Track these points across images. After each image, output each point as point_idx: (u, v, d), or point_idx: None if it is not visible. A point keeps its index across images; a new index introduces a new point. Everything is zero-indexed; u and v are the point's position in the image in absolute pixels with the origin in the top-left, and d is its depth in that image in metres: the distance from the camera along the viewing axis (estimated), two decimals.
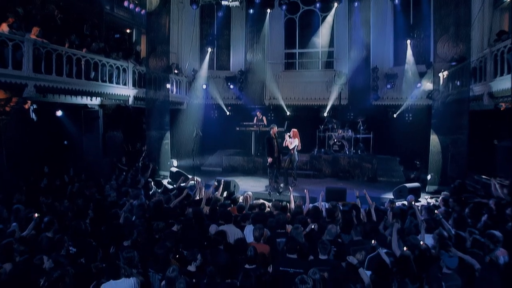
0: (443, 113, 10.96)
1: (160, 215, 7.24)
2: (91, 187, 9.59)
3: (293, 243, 5.13)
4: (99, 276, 4.74)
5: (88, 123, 12.38)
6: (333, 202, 7.87)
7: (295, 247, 5.09)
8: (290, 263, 4.97)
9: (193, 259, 4.76)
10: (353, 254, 5.51)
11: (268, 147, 10.83)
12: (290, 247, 5.07)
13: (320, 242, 5.39)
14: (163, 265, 4.79)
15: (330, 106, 15.90)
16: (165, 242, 5.30)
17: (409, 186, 9.87)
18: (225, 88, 17.24)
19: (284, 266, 4.94)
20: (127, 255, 4.93)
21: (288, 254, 5.06)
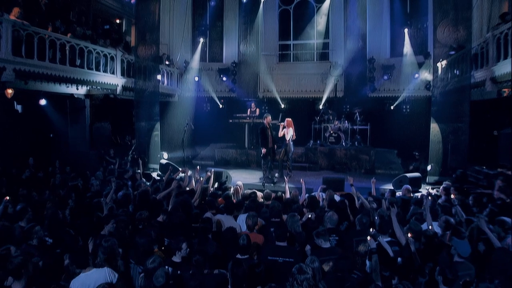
0: (444, 101, 10.60)
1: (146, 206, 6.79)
2: (75, 179, 9.06)
3: (283, 229, 4.68)
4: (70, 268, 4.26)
5: (74, 113, 11.85)
6: (330, 191, 7.41)
7: (285, 233, 4.64)
8: (280, 251, 4.52)
9: (178, 248, 4.27)
10: (356, 246, 5.10)
11: (261, 138, 10.36)
12: (279, 234, 4.62)
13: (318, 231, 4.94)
14: (145, 256, 4.31)
15: (325, 98, 15.53)
16: (148, 231, 4.83)
17: (410, 176, 9.47)
18: (217, 81, 16.75)
19: (272, 255, 4.49)
20: (106, 244, 4.44)
21: (278, 242, 4.61)
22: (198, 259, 3.82)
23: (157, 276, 3.53)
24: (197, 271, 3.79)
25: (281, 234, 4.59)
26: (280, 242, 4.57)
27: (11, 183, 8.83)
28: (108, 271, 4.13)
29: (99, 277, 3.98)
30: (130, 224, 5.66)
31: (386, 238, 5.02)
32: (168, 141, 14.30)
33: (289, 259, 4.36)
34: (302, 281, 3.37)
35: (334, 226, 5.53)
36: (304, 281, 3.38)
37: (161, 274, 3.53)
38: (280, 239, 4.57)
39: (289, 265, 4.10)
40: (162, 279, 3.49)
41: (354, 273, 4.13)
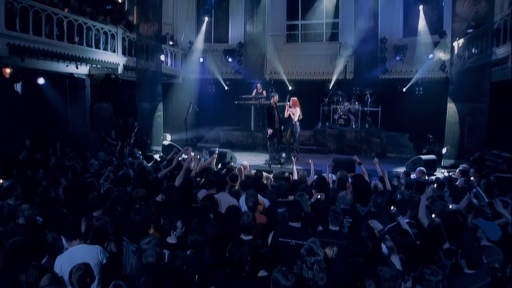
0: (462, 80, 9.97)
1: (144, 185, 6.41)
2: (73, 159, 8.73)
3: (297, 208, 4.21)
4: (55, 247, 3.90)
5: (74, 93, 11.45)
6: (342, 171, 6.95)
7: (299, 213, 4.18)
8: (292, 233, 4.07)
9: (172, 227, 3.86)
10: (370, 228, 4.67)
11: (268, 118, 9.88)
12: (293, 214, 4.15)
13: (332, 211, 4.49)
14: (140, 235, 3.91)
15: (334, 80, 14.93)
16: (144, 208, 4.43)
17: (425, 158, 8.96)
18: (223, 62, 16.20)
19: (284, 236, 4.05)
20: (97, 222, 4.08)
21: (291, 222, 4.16)
22: (195, 240, 3.40)
23: (146, 255, 3.12)
24: (195, 254, 3.36)
25: (295, 213, 4.13)
26: (293, 222, 4.12)
27: (7, 165, 8.51)
28: (99, 249, 3.77)
29: (88, 254, 3.62)
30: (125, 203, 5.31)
31: (405, 219, 4.58)
32: (172, 124, 13.90)
33: (303, 242, 3.92)
34: (313, 264, 2.94)
35: (347, 206, 5.09)
36: (314, 264, 2.95)
37: (150, 253, 3.12)
38: (294, 219, 4.11)
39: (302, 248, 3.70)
40: (152, 258, 3.08)
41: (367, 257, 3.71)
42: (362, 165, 6.90)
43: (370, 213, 5.03)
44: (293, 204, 4.29)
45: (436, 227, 3.98)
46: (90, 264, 3.23)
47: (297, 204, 4.29)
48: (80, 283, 2.97)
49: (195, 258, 3.29)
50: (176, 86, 15.00)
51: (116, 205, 5.17)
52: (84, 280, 3.01)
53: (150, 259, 3.08)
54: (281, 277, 2.67)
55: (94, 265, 3.48)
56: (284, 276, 2.65)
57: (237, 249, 3.10)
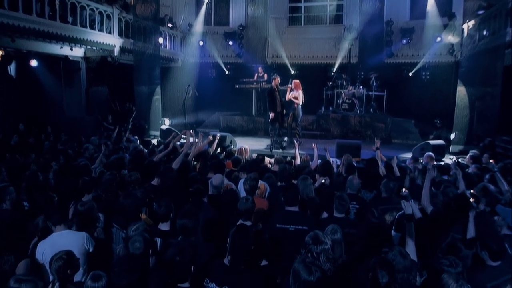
0: (473, 63, 9.50)
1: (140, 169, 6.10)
2: (66, 143, 8.40)
3: (293, 192, 3.88)
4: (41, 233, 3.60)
5: (69, 76, 11.08)
6: (347, 155, 6.60)
7: (296, 196, 3.86)
8: (290, 218, 3.76)
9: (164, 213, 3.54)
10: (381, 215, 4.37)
11: (269, 101, 9.50)
12: (289, 198, 3.83)
13: (337, 197, 4.17)
14: (131, 221, 3.60)
15: (338, 64, 14.47)
16: (135, 192, 4.11)
17: (433, 143, 8.59)
18: (223, 45, 15.72)
19: (282, 222, 3.73)
20: (82, 207, 3.77)
21: (288, 207, 3.84)
22: (184, 224, 3.07)
23: (133, 241, 2.80)
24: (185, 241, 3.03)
25: (291, 197, 3.81)
26: (290, 206, 3.80)
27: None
28: (86, 237, 3.46)
29: (72, 241, 3.33)
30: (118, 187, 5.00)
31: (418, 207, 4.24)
32: (171, 109, 13.51)
33: (302, 227, 3.61)
34: (319, 253, 2.62)
35: (355, 192, 4.76)
36: (321, 253, 2.63)
37: (138, 239, 2.79)
38: (290, 203, 3.79)
39: (302, 234, 3.37)
40: (139, 244, 2.76)
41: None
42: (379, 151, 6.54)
43: (381, 199, 4.70)
44: (289, 188, 3.95)
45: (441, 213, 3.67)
46: (73, 252, 2.92)
47: (293, 187, 3.96)
48: (60, 273, 2.66)
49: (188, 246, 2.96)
50: (175, 70, 14.59)
51: (107, 189, 4.86)
52: (65, 270, 2.70)
53: (137, 244, 2.76)
54: (303, 270, 2.20)
55: (78, 253, 3.19)
56: (307, 269, 2.20)
57: (242, 235, 2.75)
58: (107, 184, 4.85)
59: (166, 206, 3.74)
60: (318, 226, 3.85)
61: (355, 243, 3.45)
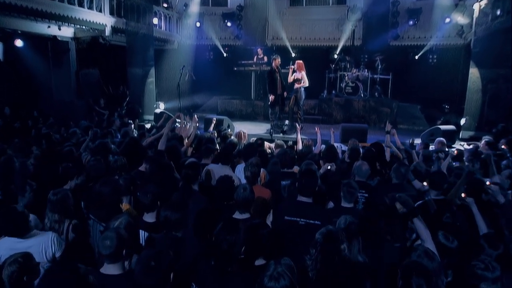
0: (486, 43, 8.91)
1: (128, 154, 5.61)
2: (51, 126, 7.89)
3: (311, 179, 3.36)
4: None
5: (57, 57, 10.46)
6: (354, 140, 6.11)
7: (313, 185, 3.35)
8: (302, 210, 3.27)
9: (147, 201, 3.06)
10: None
11: (269, 82, 8.96)
12: (305, 186, 3.31)
13: (345, 185, 3.69)
14: (111, 212, 3.12)
15: (341, 46, 13.83)
16: (114, 179, 3.62)
17: (444, 128, 8.08)
18: (221, 27, 15.05)
19: (291, 214, 3.25)
20: (54, 197, 3.28)
21: (301, 197, 3.34)
22: (167, 217, 2.58)
23: (103, 237, 2.31)
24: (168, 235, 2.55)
25: (308, 185, 3.29)
26: (304, 197, 3.30)
27: None
28: (52, 237, 2.95)
29: (33, 242, 2.82)
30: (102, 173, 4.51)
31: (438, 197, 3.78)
32: (166, 92, 12.95)
33: (315, 222, 3.12)
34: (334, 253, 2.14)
35: (363, 179, 4.28)
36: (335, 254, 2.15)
37: (109, 235, 2.30)
38: (305, 192, 3.28)
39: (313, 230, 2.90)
40: (110, 242, 2.26)
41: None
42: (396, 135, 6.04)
43: (391, 186, 4.22)
44: (306, 174, 3.42)
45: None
46: (32, 255, 2.42)
47: (310, 173, 3.43)
48: (12, 281, 2.16)
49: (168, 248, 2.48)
50: (171, 52, 13.96)
51: (90, 176, 4.38)
52: (19, 277, 2.20)
53: (108, 242, 2.26)
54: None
55: (39, 257, 2.70)
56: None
57: (227, 232, 2.26)
58: (90, 171, 4.37)
59: (151, 193, 3.27)
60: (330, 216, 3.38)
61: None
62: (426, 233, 2.60)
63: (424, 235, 2.60)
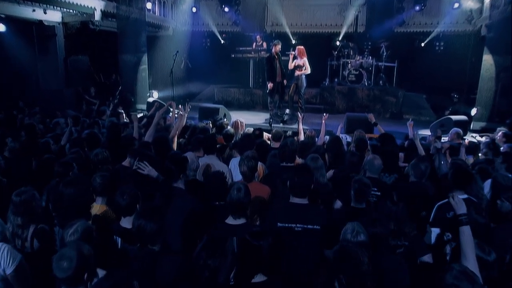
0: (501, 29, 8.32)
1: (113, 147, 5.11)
2: (33, 115, 7.36)
3: (306, 177, 2.85)
4: None
5: (43, 43, 9.84)
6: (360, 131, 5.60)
7: (308, 184, 2.85)
8: (296, 213, 2.77)
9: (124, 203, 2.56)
10: None
11: (268, 69, 8.42)
12: (298, 185, 2.81)
13: (356, 181, 3.22)
14: (74, 217, 2.61)
15: (343, 33, 13.23)
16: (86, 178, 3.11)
17: (456, 118, 7.55)
18: (219, 12, 14.40)
19: (284, 219, 2.74)
20: (18, 198, 2.78)
21: (294, 198, 2.84)
22: (141, 226, 2.08)
23: (60, 257, 1.81)
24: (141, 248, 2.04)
25: (301, 184, 2.79)
26: (297, 197, 2.80)
27: None
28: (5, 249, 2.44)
29: None
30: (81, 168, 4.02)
31: (461, 195, 3.28)
32: (161, 81, 12.38)
33: (313, 226, 2.63)
34: (354, 279, 1.64)
35: (376, 175, 3.77)
36: (356, 278, 1.65)
37: (67, 255, 1.79)
38: (298, 193, 2.79)
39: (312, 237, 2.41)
40: (68, 263, 1.76)
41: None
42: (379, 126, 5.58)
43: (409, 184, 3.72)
44: (299, 171, 2.90)
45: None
46: None
47: (304, 170, 2.91)
48: None
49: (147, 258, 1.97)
50: (166, 38, 13.35)
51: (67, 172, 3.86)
52: None
53: (64, 264, 1.77)
54: None
55: None
56: None
57: (210, 253, 1.75)
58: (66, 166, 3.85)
59: (128, 194, 2.77)
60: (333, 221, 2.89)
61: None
62: (471, 249, 2.10)
63: (469, 250, 2.11)
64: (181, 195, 2.94)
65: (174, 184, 2.99)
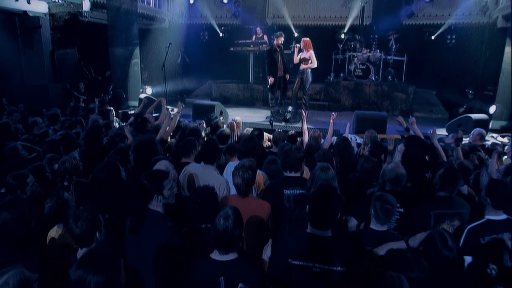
0: None
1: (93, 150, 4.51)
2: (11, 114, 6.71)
3: (331, 203, 2.16)
4: None
5: (27, 35, 9.16)
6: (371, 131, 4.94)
7: (332, 215, 2.16)
8: (316, 249, 2.09)
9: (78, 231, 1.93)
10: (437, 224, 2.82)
11: (269, 62, 7.75)
12: (321, 213, 2.13)
13: (378, 198, 2.57)
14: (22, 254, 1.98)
15: (348, 26, 12.54)
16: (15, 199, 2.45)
17: (475, 117, 6.86)
18: (217, 4, 13.70)
19: (299, 256, 2.07)
20: None
21: (313, 229, 2.16)
22: (80, 280, 1.43)
23: None
24: None
25: (325, 213, 2.13)
26: (318, 229, 2.13)
27: None
28: None
29: None
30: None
31: (499, 216, 2.63)
32: (157, 77, 11.72)
33: (337, 268, 1.97)
34: None
35: (399, 188, 3.11)
36: None
37: None
38: (320, 224, 2.12)
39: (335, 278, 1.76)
40: None
41: None
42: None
43: (436, 200, 3.05)
44: (322, 198, 2.19)
45: None
46: None
47: (329, 197, 2.20)
48: None
49: None
50: (161, 31, 12.69)
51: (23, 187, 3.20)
52: None
53: None
54: None
55: None
56: None
57: None
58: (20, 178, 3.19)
59: (86, 220, 2.13)
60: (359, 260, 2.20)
61: None
62: None
63: None
64: (156, 220, 2.27)
65: (150, 206, 2.33)
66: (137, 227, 2.24)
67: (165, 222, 2.27)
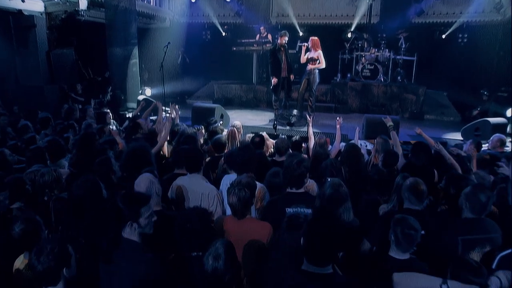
0: None
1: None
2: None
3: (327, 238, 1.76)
4: None
5: (22, 35, 8.88)
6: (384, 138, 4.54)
7: (330, 249, 1.77)
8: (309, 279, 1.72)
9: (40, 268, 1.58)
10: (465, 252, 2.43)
11: (272, 62, 7.37)
12: (316, 251, 1.75)
13: (398, 223, 2.18)
14: None
15: (355, 25, 12.11)
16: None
17: (494, 122, 6.41)
18: (220, 2, 13.34)
19: None
20: None
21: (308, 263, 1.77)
22: None
23: None
24: None
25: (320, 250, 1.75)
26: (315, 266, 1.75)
27: None
28: None
29: None
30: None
31: None
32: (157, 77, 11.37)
33: None
34: None
35: (419, 207, 2.72)
36: None
37: None
38: (316, 261, 1.74)
39: None
40: None
41: None
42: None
43: (463, 223, 2.64)
44: (319, 227, 1.79)
45: None
46: None
47: (327, 224, 1.81)
48: None
49: None
50: (161, 30, 12.37)
51: None
52: None
53: None
54: None
55: None
56: None
57: None
58: None
59: (49, 256, 1.77)
60: None
61: None
62: None
63: None
64: (131, 250, 1.90)
65: (124, 234, 1.95)
66: (108, 256, 1.87)
67: (142, 253, 1.90)
